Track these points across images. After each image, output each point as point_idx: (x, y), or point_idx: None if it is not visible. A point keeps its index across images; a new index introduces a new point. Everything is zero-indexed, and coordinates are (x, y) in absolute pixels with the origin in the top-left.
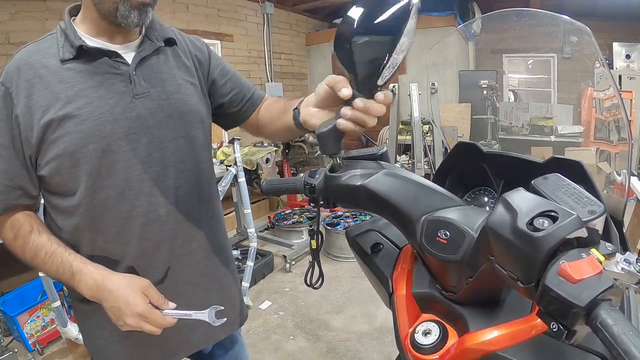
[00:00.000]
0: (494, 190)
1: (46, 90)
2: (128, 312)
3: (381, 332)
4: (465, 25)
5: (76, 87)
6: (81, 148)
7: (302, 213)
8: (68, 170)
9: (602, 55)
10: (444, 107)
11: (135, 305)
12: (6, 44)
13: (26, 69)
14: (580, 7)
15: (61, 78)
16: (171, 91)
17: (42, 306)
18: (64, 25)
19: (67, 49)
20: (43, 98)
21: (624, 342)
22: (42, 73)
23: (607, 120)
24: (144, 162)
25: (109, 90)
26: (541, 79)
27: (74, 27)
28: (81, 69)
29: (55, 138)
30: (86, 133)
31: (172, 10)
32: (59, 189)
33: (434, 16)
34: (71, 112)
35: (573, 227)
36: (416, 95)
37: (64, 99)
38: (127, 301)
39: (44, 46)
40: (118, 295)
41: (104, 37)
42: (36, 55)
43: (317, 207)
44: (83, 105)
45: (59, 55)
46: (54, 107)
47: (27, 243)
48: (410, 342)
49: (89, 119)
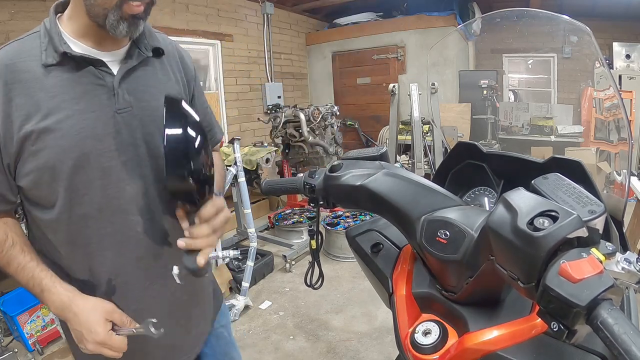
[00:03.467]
0: (494, 190)
1: (26, 97)
2: (89, 339)
3: (381, 332)
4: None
5: (57, 97)
6: (60, 163)
7: (302, 213)
8: (47, 184)
9: (602, 55)
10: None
11: (96, 334)
12: None
13: (6, 71)
14: (580, 7)
15: (42, 86)
16: (155, 106)
17: (42, 306)
18: (48, 24)
19: (51, 54)
20: (23, 106)
21: (624, 342)
22: (23, 78)
23: (607, 120)
24: (122, 180)
25: (91, 102)
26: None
27: (59, 29)
28: (64, 77)
29: (35, 150)
30: (65, 148)
31: (172, 10)
32: (38, 201)
33: (434, 16)
34: (51, 126)
35: (573, 226)
36: (416, 95)
37: (45, 110)
38: (88, 328)
39: (27, 47)
40: (81, 320)
41: (91, 40)
42: (17, 57)
43: (317, 207)
44: (63, 118)
45: (41, 59)
46: (34, 118)
47: (1, 251)
48: (410, 342)
49: (69, 134)
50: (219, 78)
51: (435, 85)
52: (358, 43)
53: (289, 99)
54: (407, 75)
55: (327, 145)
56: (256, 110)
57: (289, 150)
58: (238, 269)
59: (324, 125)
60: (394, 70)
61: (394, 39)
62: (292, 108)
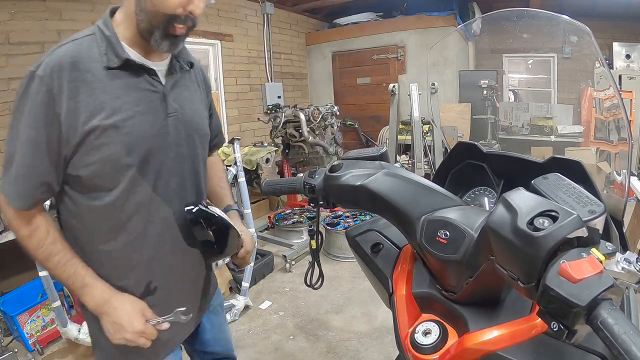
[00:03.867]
0: (494, 190)
1: (91, 97)
2: (129, 329)
3: (381, 332)
4: (465, 25)
5: (120, 99)
6: (123, 157)
7: (302, 213)
8: (109, 175)
9: (602, 55)
10: (444, 107)
11: (137, 324)
12: (6, 44)
13: (69, 69)
14: (580, 7)
15: (106, 87)
16: (191, 114)
17: (42, 306)
18: (106, 31)
19: (112, 58)
20: (88, 104)
21: (624, 342)
22: (87, 78)
23: (607, 120)
24: (169, 174)
25: (148, 106)
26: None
27: (117, 36)
28: (125, 81)
29: (99, 144)
30: (129, 144)
31: None
32: (95, 189)
33: (434, 16)
34: (115, 123)
35: (573, 226)
36: (416, 95)
37: (109, 110)
38: (129, 320)
39: (84, 49)
40: (120, 313)
41: (141, 50)
42: (78, 58)
43: (317, 207)
44: (127, 118)
45: (102, 62)
46: (99, 115)
47: (41, 246)
48: (410, 342)
49: (132, 132)
50: (219, 78)
51: (435, 85)
52: (358, 43)
53: (289, 99)
54: (407, 75)
55: (327, 145)
56: (256, 110)
57: (289, 150)
58: (238, 269)
59: (324, 125)
60: (394, 70)
61: (394, 39)
62: (292, 108)
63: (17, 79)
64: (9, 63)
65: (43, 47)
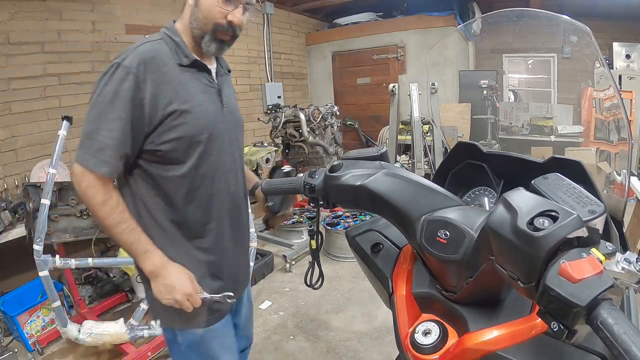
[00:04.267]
0: (494, 190)
1: (169, 86)
2: (180, 290)
3: (381, 332)
4: (465, 25)
5: (190, 90)
6: (196, 135)
7: (302, 213)
8: (183, 150)
9: (602, 55)
10: (444, 107)
11: (187, 287)
12: (6, 44)
13: (151, 63)
14: (580, 7)
15: (179, 79)
16: (235, 107)
17: (42, 306)
18: (174, 37)
19: (182, 58)
20: (167, 92)
21: (624, 342)
22: (164, 71)
23: (607, 120)
24: (225, 153)
25: (210, 97)
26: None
27: (184, 41)
28: (193, 76)
29: (176, 125)
30: (199, 126)
31: (172, 11)
32: (171, 162)
33: (434, 16)
34: (189, 109)
35: (573, 226)
36: (416, 95)
37: (183, 97)
38: (181, 282)
39: (159, 48)
40: (174, 277)
41: (196, 53)
42: (156, 54)
43: (317, 207)
44: (197, 105)
45: (175, 60)
46: (176, 101)
47: (112, 213)
48: (410, 341)
49: (202, 116)
50: None
51: (435, 85)
52: (358, 43)
53: (289, 99)
54: (407, 75)
55: (327, 145)
56: (256, 110)
57: (289, 150)
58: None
59: (324, 125)
60: (394, 70)
61: (394, 39)
62: (292, 108)
63: (17, 79)
64: (9, 63)
65: (43, 47)
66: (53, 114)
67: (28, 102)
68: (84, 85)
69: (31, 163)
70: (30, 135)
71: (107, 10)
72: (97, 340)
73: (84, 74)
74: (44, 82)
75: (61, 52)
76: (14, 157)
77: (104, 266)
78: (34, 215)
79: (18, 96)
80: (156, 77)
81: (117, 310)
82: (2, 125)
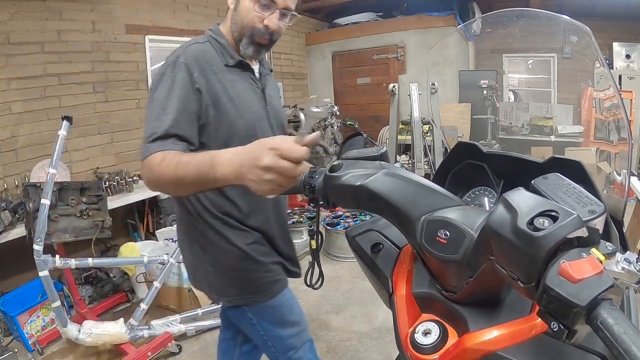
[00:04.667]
0: (494, 190)
1: (218, 83)
2: (264, 151)
3: (381, 332)
4: (465, 25)
5: (236, 87)
6: (239, 133)
7: (302, 213)
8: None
9: (602, 55)
10: (444, 107)
11: (267, 142)
12: (6, 44)
13: (202, 61)
14: (580, 7)
15: (226, 77)
16: (277, 107)
17: (42, 306)
18: (220, 39)
19: (228, 58)
20: (216, 87)
21: (624, 342)
22: (213, 69)
23: (607, 120)
24: None
25: (254, 96)
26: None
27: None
28: (238, 76)
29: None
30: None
31: (173, 11)
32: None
33: (434, 16)
34: (236, 105)
35: (573, 226)
36: (416, 95)
37: (229, 93)
38: (260, 147)
39: (207, 49)
40: (252, 147)
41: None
42: (203, 54)
43: (317, 207)
44: (243, 101)
45: (222, 60)
46: (223, 97)
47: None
48: (410, 342)
49: (247, 112)
50: None
51: (435, 85)
52: (358, 43)
53: (289, 99)
54: (407, 75)
55: (327, 145)
56: None
57: None
58: None
59: (324, 125)
60: (394, 70)
61: (394, 39)
62: (292, 108)
63: (17, 79)
64: (9, 63)
65: (43, 47)
66: (53, 114)
67: (28, 102)
68: (84, 85)
69: (31, 163)
70: (30, 135)
71: (107, 10)
72: (97, 340)
73: (84, 74)
74: (44, 82)
75: (61, 52)
76: (14, 157)
77: (104, 266)
78: (34, 215)
79: (18, 96)
80: (206, 74)
81: (117, 310)
82: (2, 125)
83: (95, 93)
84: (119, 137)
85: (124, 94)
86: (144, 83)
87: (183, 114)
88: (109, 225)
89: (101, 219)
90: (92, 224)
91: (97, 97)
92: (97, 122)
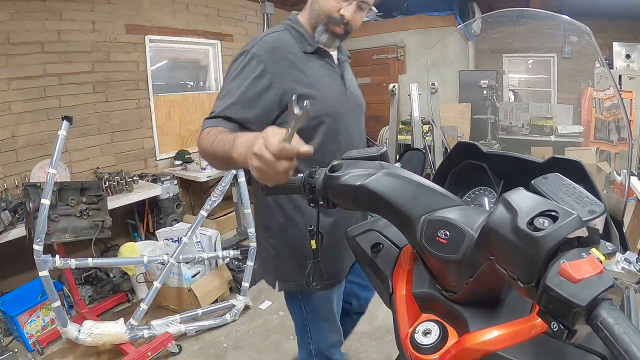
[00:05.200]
0: (494, 190)
1: (296, 70)
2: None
3: (381, 332)
4: (465, 25)
5: (316, 75)
6: (320, 117)
7: None
8: (311, 128)
9: (602, 55)
10: (444, 107)
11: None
12: (6, 44)
13: (279, 51)
14: (580, 7)
15: (305, 65)
16: (357, 92)
17: (42, 306)
18: (298, 27)
19: (307, 46)
20: (294, 74)
21: (624, 342)
22: (291, 57)
23: (607, 120)
24: (349, 131)
25: (334, 82)
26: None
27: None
28: (317, 63)
29: None
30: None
31: (173, 10)
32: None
33: (434, 16)
34: (314, 93)
35: (573, 226)
36: (416, 95)
37: (308, 81)
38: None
39: (284, 37)
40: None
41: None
42: (281, 43)
43: (317, 207)
44: (322, 89)
45: (299, 47)
46: (301, 85)
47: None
48: (410, 342)
49: (328, 99)
50: (219, 78)
51: (435, 85)
52: (358, 43)
53: None
54: (407, 75)
55: None
56: None
57: None
58: (238, 269)
59: None
60: (394, 70)
61: (394, 39)
62: None
63: (17, 79)
64: (9, 63)
65: (43, 47)
66: (53, 114)
67: (28, 102)
68: (84, 85)
69: (31, 163)
70: (30, 135)
71: (107, 10)
72: (97, 340)
73: (84, 74)
74: (44, 82)
75: (61, 52)
76: (14, 157)
77: (104, 266)
78: (34, 215)
79: (18, 96)
80: (283, 63)
81: (117, 310)
82: (2, 125)
83: (95, 93)
84: (119, 137)
85: (123, 94)
86: (143, 83)
87: (241, 99)
88: (108, 225)
89: (101, 219)
90: (92, 224)
91: (97, 97)
92: (97, 122)
